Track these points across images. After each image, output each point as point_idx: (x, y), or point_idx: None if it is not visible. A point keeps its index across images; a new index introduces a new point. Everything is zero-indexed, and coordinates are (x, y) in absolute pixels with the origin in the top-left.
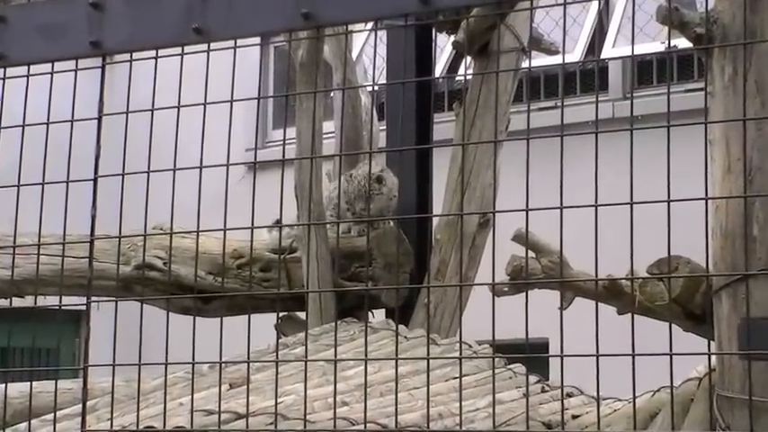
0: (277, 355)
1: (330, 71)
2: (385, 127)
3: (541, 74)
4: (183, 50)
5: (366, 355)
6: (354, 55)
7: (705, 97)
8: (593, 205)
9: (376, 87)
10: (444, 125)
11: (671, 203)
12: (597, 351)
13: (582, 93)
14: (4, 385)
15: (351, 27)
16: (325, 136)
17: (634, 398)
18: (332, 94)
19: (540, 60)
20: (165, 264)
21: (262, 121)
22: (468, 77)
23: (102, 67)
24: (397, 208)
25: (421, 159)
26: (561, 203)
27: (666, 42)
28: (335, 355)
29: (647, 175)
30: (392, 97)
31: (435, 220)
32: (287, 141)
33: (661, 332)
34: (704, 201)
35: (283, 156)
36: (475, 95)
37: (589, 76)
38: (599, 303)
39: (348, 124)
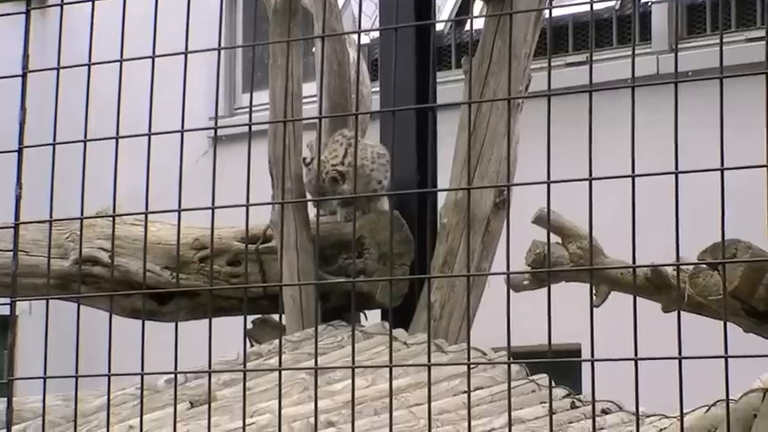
0: (245, 363)
1: (311, 21)
2: (378, 89)
3: (569, 21)
4: None
5: (353, 363)
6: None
7: None
8: (629, 176)
9: (365, 36)
10: (451, 86)
11: (725, 172)
12: (636, 354)
13: (619, 44)
14: None
15: None
16: (305, 100)
17: (682, 414)
18: (313, 49)
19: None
20: (111, 257)
21: (228, 83)
22: (479, 28)
23: (27, 13)
24: (392, 187)
25: (421, 125)
26: (590, 174)
27: None
28: (315, 363)
29: (698, 141)
30: (387, 52)
31: (441, 202)
32: (261, 107)
33: (717, 334)
34: (766, 169)
35: (250, 119)
36: (487, 49)
37: (627, 24)
38: (640, 299)
39: (333, 85)
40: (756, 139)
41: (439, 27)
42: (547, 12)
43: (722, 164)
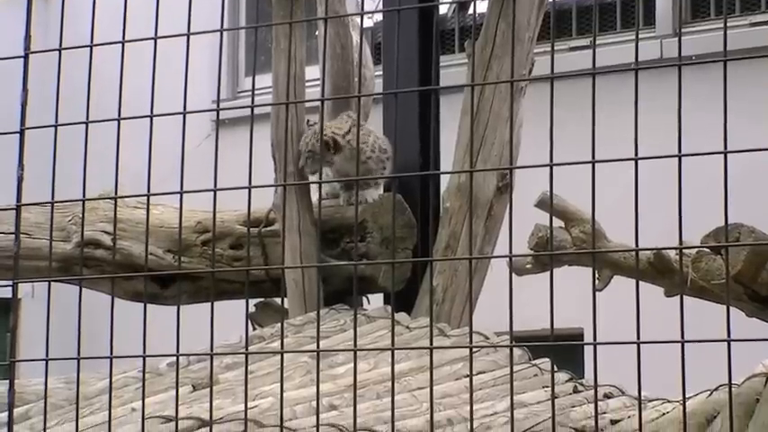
0: (247, 347)
1: (314, 4)
2: (382, 72)
3: (573, 5)
4: None
5: (355, 346)
6: None
7: None
8: (632, 159)
9: (368, 19)
10: (454, 69)
11: (728, 156)
12: (638, 337)
13: (622, 29)
14: None
15: None
16: (308, 83)
17: (684, 397)
18: (316, 32)
19: None
20: (113, 240)
21: (231, 66)
22: (483, 11)
23: None
24: (395, 171)
25: (424, 109)
26: (593, 157)
27: None
28: (318, 346)
29: (701, 126)
30: (390, 35)
31: (444, 186)
32: (264, 90)
33: (720, 319)
34: None
35: (252, 102)
36: (491, 33)
37: (631, 8)
38: (643, 283)
39: (336, 68)
40: (759, 124)
41: (442, 10)
42: None
43: (725, 147)
